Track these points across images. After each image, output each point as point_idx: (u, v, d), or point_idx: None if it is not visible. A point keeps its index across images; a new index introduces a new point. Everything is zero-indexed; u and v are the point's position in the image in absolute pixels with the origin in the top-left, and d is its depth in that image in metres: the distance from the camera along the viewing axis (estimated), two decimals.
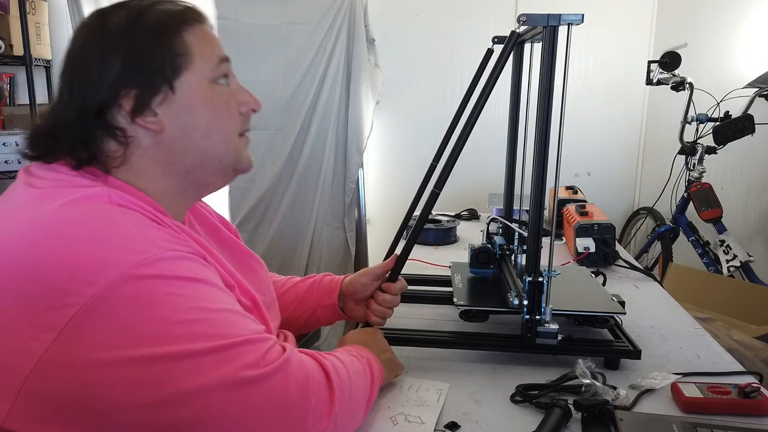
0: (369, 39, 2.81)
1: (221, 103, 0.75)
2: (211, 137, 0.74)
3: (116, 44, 0.69)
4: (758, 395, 0.85)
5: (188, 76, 0.71)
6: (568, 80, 0.89)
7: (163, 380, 0.58)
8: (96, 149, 0.69)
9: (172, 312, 0.59)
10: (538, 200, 0.95)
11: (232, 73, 0.78)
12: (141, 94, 0.69)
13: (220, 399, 0.59)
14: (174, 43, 0.71)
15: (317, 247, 2.86)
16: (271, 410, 0.62)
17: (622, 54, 3.10)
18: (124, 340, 0.57)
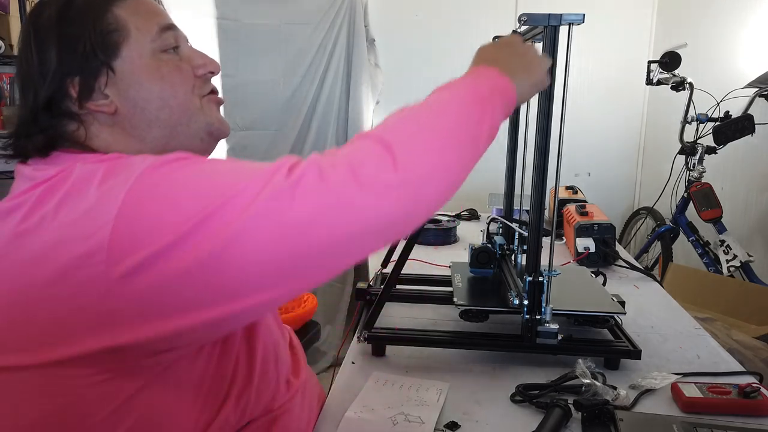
0: (369, 39, 2.82)
1: (170, 71, 0.72)
2: (168, 106, 0.71)
3: (49, 35, 0.68)
4: (758, 395, 0.85)
5: (127, 51, 0.69)
6: (568, 80, 0.89)
7: (216, 238, 0.55)
8: (57, 134, 0.68)
9: (195, 180, 0.58)
10: (539, 200, 0.95)
11: (183, 38, 0.76)
12: (83, 79, 0.68)
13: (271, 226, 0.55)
14: (104, 22, 0.68)
15: None
16: (330, 207, 0.55)
17: (622, 54, 3.10)
18: (172, 220, 0.55)
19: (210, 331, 0.63)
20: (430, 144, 0.62)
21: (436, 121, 0.64)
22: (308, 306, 2.53)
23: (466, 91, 0.69)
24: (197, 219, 0.55)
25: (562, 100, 0.90)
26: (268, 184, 0.56)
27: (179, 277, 0.55)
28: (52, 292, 0.57)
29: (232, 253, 0.55)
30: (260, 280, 0.57)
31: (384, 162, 0.58)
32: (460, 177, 0.65)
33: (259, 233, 0.55)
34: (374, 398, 0.89)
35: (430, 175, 0.61)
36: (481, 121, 0.66)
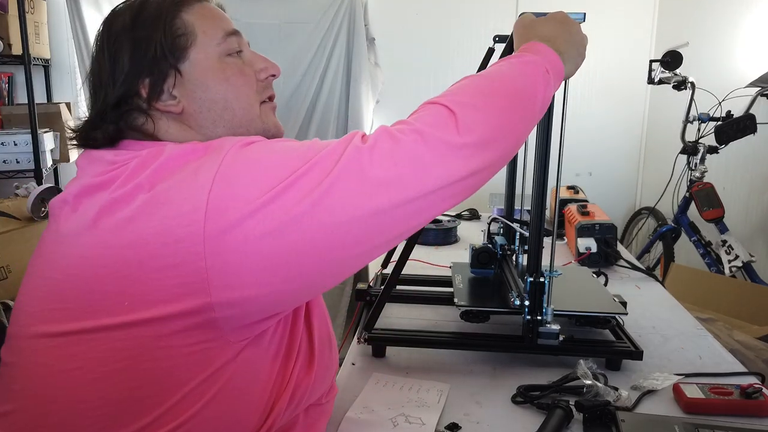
0: (369, 38, 2.81)
1: (234, 73, 0.75)
2: (232, 108, 0.75)
3: (122, 41, 0.72)
4: (760, 396, 0.85)
5: (194, 53, 0.73)
6: (569, 80, 0.89)
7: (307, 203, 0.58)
8: (127, 125, 0.72)
9: (282, 150, 0.62)
10: (540, 200, 0.95)
11: (245, 44, 0.79)
12: (152, 81, 0.71)
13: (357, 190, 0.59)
14: (173, 26, 0.72)
15: None
16: (401, 175, 0.60)
17: (624, 53, 3.10)
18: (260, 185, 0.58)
19: (300, 292, 0.65)
20: (490, 109, 0.67)
21: (497, 89, 0.69)
22: None
23: (525, 66, 0.73)
24: (289, 180, 0.58)
25: (563, 99, 0.90)
26: (348, 149, 0.60)
27: (271, 234, 0.57)
28: (148, 252, 0.59)
29: (321, 211, 0.58)
30: (346, 237, 0.59)
31: (448, 124, 0.63)
32: (518, 141, 0.71)
33: (344, 193, 0.58)
34: (374, 399, 0.89)
35: (490, 137, 0.65)
36: (536, 93, 0.72)
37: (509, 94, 0.70)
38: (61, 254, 0.64)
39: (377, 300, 1.03)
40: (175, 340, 0.60)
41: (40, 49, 2.78)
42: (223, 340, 0.62)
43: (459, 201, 0.66)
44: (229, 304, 0.59)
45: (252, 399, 0.67)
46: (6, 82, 2.92)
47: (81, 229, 0.63)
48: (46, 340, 0.63)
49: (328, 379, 0.80)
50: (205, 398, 0.62)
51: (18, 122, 2.65)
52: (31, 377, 0.64)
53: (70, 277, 0.62)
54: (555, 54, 0.76)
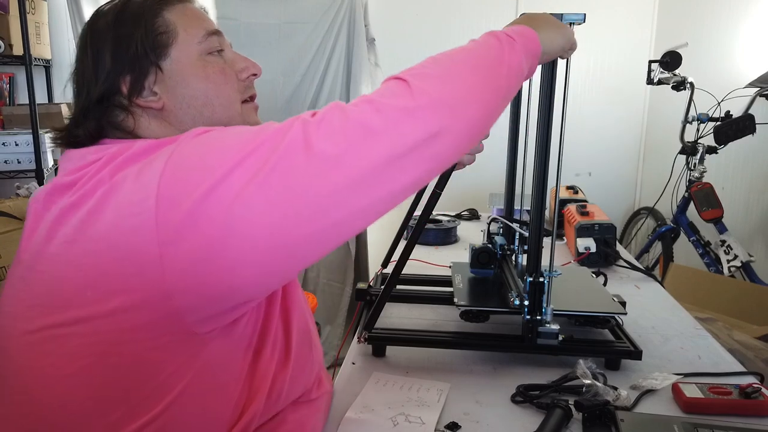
0: (369, 38, 2.81)
1: (215, 71, 0.76)
2: (212, 104, 0.76)
3: (104, 39, 0.73)
4: (759, 396, 0.85)
5: (175, 51, 0.74)
6: (569, 80, 0.89)
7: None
8: (107, 121, 0.73)
9: (232, 134, 0.62)
10: (539, 200, 0.95)
11: (227, 44, 0.80)
12: (133, 78, 0.72)
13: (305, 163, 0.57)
14: (154, 24, 0.73)
15: None
16: (360, 147, 0.58)
17: (623, 53, 3.10)
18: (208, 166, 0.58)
19: (257, 277, 0.62)
20: (447, 74, 0.65)
21: (453, 57, 0.68)
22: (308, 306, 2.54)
23: (484, 37, 0.71)
24: (235, 161, 0.57)
25: (562, 99, 0.90)
26: (295, 124, 0.59)
27: (220, 217, 0.56)
28: (107, 243, 0.59)
29: (268, 190, 0.56)
30: (298, 216, 0.57)
31: (401, 91, 0.61)
32: (483, 105, 0.66)
33: (291, 170, 0.57)
34: (374, 399, 0.89)
35: (447, 98, 0.63)
36: (500, 56, 0.69)
37: (468, 60, 0.67)
38: (33, 252, 0.65)
39: (377, 300, 1.04)
40: (139, 334, 0.60)
41: (41, 49, 2.78)
42: (189, 332, 0.61)
43: (423, 174, 0.62)
44: (185, 290, 0.58)
45: (225, 392, 0.67)
46: (7, 83, 2.92)
47: (50, 227, 0.64)
48: (24, 338, 0.64)
49: (309, 375, 0.80)
50: (175, 391, 0.63)
51: (19, 122, 2.65)
52: (12, 376, 0.65)
53: (42, 275, 0.63)
54: (524, 26, 0.74)
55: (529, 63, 0.73)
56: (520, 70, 0.71)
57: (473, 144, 0.68)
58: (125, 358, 0.61)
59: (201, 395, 0.65)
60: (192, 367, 0.63)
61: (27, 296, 0.65)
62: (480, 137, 0.71)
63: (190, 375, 0.63)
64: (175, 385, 0.63)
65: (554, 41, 0.79)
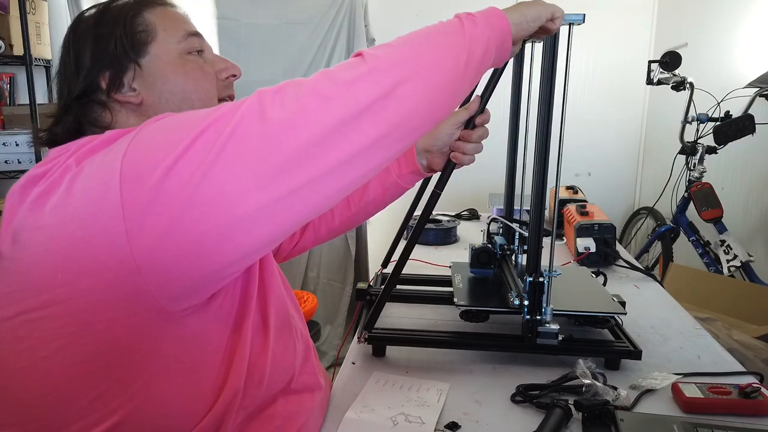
0: (369, 39, 2.81)
1: (194, 68, 0.78)
2: (190, 99, 0.78)
3: (86, 38, 0.76)
4: (759, 395, 0.85)
5: (154, 48, 0.76)
6: (569, 80, 0.89)
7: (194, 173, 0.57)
8: (85, 118, 0.76)
9: (187, 115, 0.63)
10: (539, 200, 0.95)
11: (207, 47, 0.82)
12: (112, 73, 0.75)
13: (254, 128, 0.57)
14: (134, 23, 0.76)
15: (317, 247, 2.86)
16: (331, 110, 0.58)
17: (623, 54, 3.10)
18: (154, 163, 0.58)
19: (218, 252, 0.61)
20: (401, 45, 0.65)
21: (411, 35, 0.67)
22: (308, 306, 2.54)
23: (444, 24, 0.70)
24: (194, 135, 0.57)
25: (562, 99, 0.90)
26: (252, 95, 0.60)
27: (183, 191, 0.56)
28: (76, 224, 0.60)
29: (229, 153, 0.56)
30: (260, 178, 0.57)
31: (355, 61, 0.63)
32: (436, 74, 0.65)
33: (248, 135, 0.57)
34: (374, 398, 0.89)
35: (398, 62, 0.62)
36: (457, 28, 0.68)
37: (422, 32, 0.68)
38: (9, 243, 0.66)
39: (377, 299, 1.04)
40: (112, 313, 0.60)
41: (42, 49, 2.78)
42: (162, 310, 0.62)
43: (383, 136, 0.60)
44: (153, 266, 0.58)
45: (203, 371, 0.68)
46: (7, 83, 2.92)
47: (24, 217, 0.65)
48: (2, 325, 0.64)
49: (292, 360, 0.80)
50: (151, 371, 0.63)
51: (19, 122, 2.65)
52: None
53: (18, 263, 0.64)
54: (494, 8, 0.74)
55: (497, 36, 0.72)
56: (483, 39, 0.70)
57: (434, 111, 0.66)
58: (99, 338, 0.61)
59: (178, 374, 0.65)
60: (167, 346, 0.64)
61: (4, 285, 0.65)
62: (441, 105, 0.67)
63: (165, 354, 0.64)
64: (150, 364, 0.63)
65: (525, 13, 0.76)
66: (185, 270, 0.60)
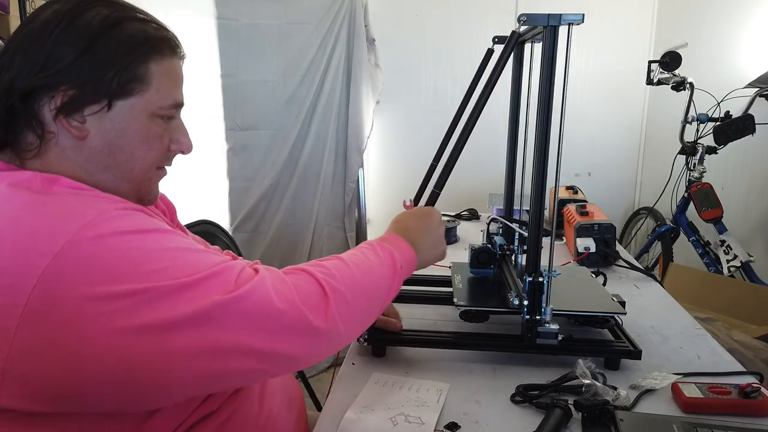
0: (369, 39, 2.81)
1: (154, 137, 0.74)
2: (132, 164, 0.73)
3: (79, 37, 0.66)
4: (759, 395, 0.85)
5: (135, 101, 0.70)
6: (568, 80, 0.89)
7: (140, 317, 0.58)
8: (12, 135, 0.68)
9: (134, 264, 0.60)
10: (539, 200, 0.95)
11: (178, 115, 0.78)
12: (77, 95, 0.67)
13: (201, 329, 0.61)
14: (136, 67, 0.69)
15: (317, 247, 2.85)
16: (259, 326, 0.64)
17: (623, 54, 3.10)
18: (89, 294, 0.57)
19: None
20: (355, 307, 0.74)
21: (365, 286, 0.78)
22: None
23: (386, 266, 0.83)
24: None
25: (561, 99, 0.90)
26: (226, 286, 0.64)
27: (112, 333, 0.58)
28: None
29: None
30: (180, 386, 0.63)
31: (320, 306, 0.70)
32: (356, 335, 0.82)
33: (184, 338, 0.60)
34: (374, 399, 0.89)
35: (345, 338, 0.75)
36: (391, 290, 0.83)
37: (371, 296, 0.79)
38: None
39: None
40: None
41: None
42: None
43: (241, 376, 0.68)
44: (19, 376, 0.58)
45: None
46: None
47: None
48: None
49: None
50: None
51: None
52: None
53: None
54: (413, 252, 0.89)
55: (407, 274, 0.89)
56: (401, 282, 0.86)
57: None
58: None
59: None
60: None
61: None
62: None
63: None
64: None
65: (431, 256, 0.95)
66: (45, 393, 0.60)
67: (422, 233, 0.93)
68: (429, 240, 0.93)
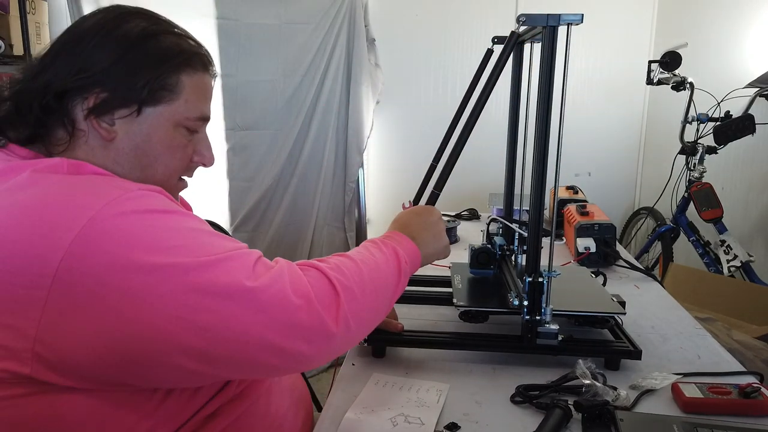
0: (369, 39, 2.81)
1: (178, 146, 0.77)
2: (155, 169, 0.76)
3: (117, 45, 0.71)
4: (759, 395, 0.85)
5: (163, 109, 0.74)
6: (567, 80, 0.89)
7: (156, 292, 0.60)
8: (44, 130, 0.71)
9: (152, 241, 0.61)
10: (539, 200, 0.95)
11: (204, 128, 0.81)
12: (109, 98, 0.71)
13: (218, 309, 0.61)
14: (168, 78, 0.73)
15: (317, 247, 2.86)
16: (275, 320, 0.64)
17: (623, 54, 3.10)
18: (113, 264, 0.59)
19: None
20: (364, 305, 0.75)
21: (374, 282, 0.78)
22: None
23: (392, 263, 0.84)
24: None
25: (561, 100, 0.90)
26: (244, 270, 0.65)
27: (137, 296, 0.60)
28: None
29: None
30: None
31: (332, 305, 0.70)
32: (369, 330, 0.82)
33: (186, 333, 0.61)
34: (374, 399, 0.89)
35: (353, 337, 0.75)
36: (399, 287, 0.84)
37: (379, 293, 0.79)
38: None
39: None
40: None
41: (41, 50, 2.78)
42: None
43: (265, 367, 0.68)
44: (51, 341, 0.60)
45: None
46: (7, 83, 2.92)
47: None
48: None
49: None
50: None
51: None
52: None
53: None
54: (417, 249, 0.90)
55: (412, 271, 0.90)
56: (406, 282, 0.87)
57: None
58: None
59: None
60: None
61: None
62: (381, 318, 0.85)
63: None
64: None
65: (434, 249, 0.95)
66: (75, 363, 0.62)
67: (422, 228, 0.94)
68: (429, 234, 0.94)
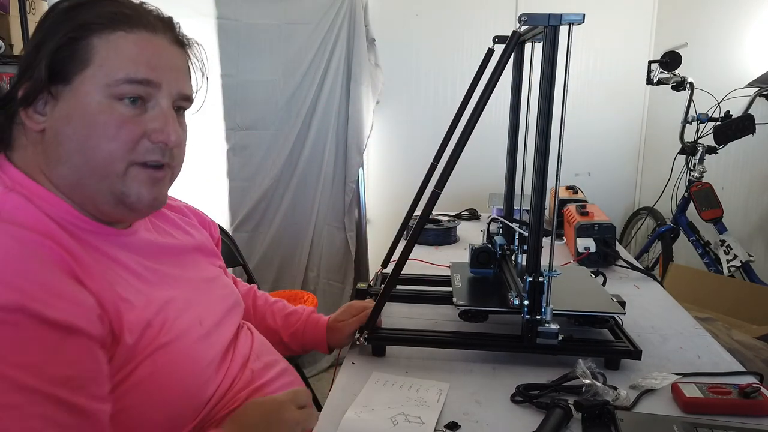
0: (369, 39, 2.81)
1: (107, 121, 0.66)
2: (84, 155, 0.66)
3: (34, 35, 0.68)
4: (759, 395, 0.85)
5: (80, 83, 0.65)
6: (568, 80, 0.89)
7: None
8: (4, 135, 0.70)
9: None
10: (539, 200, 0.95)
11: (157, 98, 0.70)
12: (29, 87, 0.66)
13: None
14: (70, 45, 0.65)
15: (317, 247, 2.86)
16: None
17: (623, 54, 3.10)
18: None
19: None
20: None
21: None
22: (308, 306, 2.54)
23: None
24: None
25: (562, 100, 0.90)
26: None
27: None
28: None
29: None
30: None
31: None
32: None
33: None
34: (374, 398, 0.89)
35: None
36: None
37: None
38: None
39: (377, 299, 1.04)
40: None
41: None
42: None
43: None
44: None
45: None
46: (7, 83, 2.92)
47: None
48: None
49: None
50: None
51: None
52: None
53: None
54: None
55: None
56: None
57: None
58: None
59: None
60: None
61: None
62: None
63: None
64: None
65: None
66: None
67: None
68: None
